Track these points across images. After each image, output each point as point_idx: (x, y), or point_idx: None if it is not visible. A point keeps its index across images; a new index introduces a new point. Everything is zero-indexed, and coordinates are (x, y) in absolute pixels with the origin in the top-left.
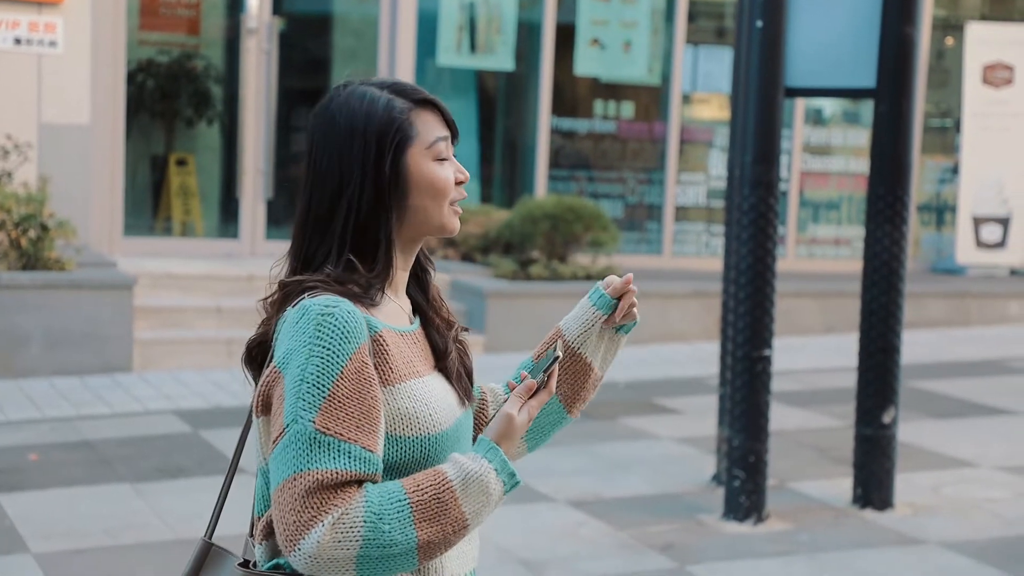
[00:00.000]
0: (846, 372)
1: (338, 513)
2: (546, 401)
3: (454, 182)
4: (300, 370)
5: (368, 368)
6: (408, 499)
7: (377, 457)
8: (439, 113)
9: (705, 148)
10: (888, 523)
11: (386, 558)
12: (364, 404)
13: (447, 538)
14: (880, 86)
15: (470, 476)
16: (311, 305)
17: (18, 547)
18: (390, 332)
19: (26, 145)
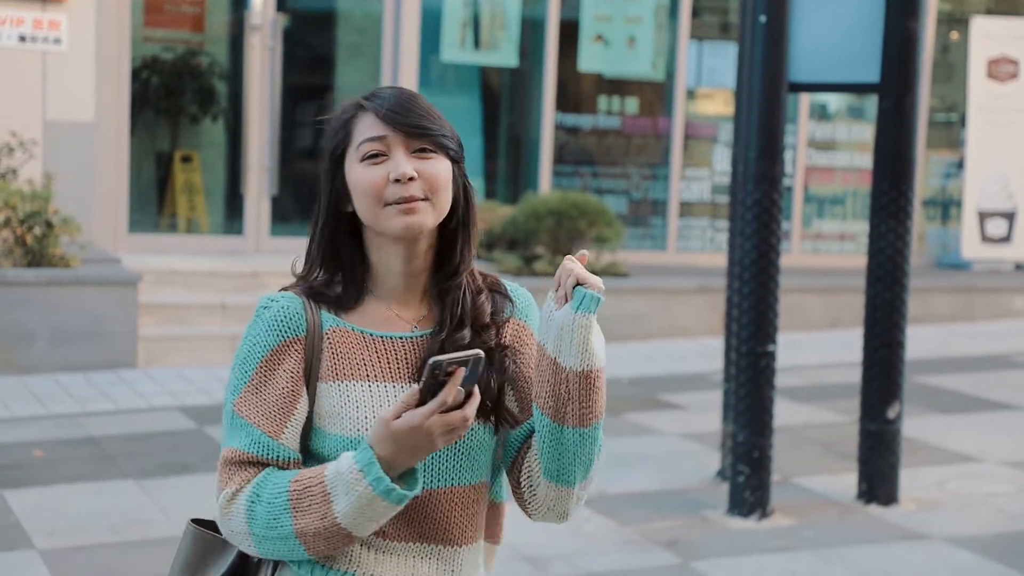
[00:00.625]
0: (851, 367)
1: (233, 488)
2: (437, 409)
3: (384, 183)
4: (236, 355)
5: (289, 361)
6: (288, 488)
7: (279, 444)
8: (373, 115)
9: (709, 144)
10: (893, 518)
11: (272, 539)
12: (275, 394)
13: (324, 532)
14: (884, 81)
15: (339, 474)
16: (261, 299)
17: (23, 543)
18: (348, 332)
19: (31, 142)
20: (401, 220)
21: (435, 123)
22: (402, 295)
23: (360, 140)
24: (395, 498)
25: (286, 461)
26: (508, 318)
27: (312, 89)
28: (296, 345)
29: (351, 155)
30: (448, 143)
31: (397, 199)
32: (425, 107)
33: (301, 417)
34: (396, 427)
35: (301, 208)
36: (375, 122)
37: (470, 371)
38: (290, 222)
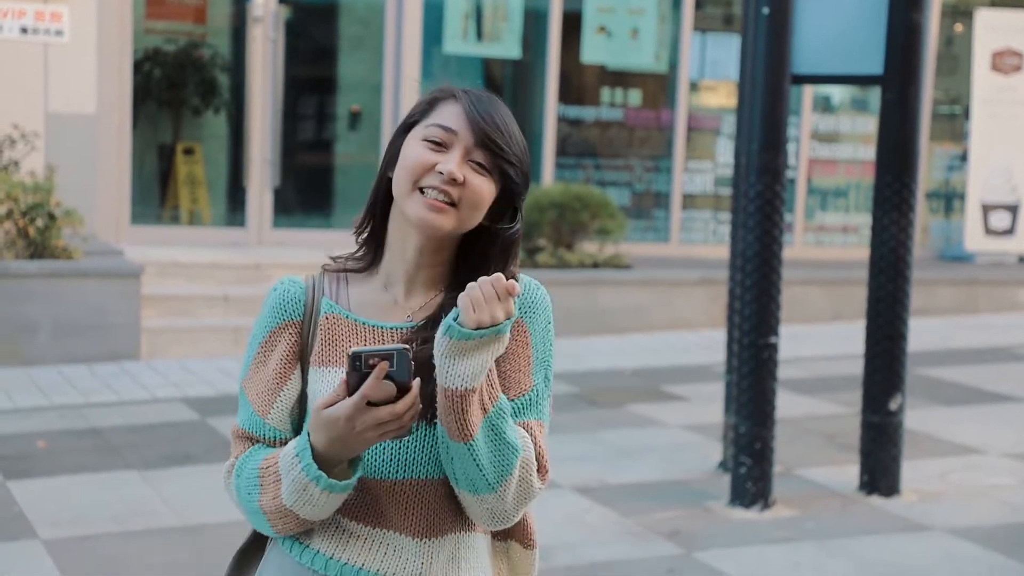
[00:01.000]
0: (853, 359)
1: (231, 461)
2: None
3: (430, 167)
4: (250, 334)
5: (284, 344)
6: (259, 467)
7: (264, 423)
8: (461, 109)
9: (712, 136)
10: (895, 510)
11: (249, 512)
12: (267, 375)
13: (277, 511)
14: (887, 73)
15: (285, 457)
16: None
17: (27, 533)
18: (340, 319)
19: (33, 134)
20: (422, 212)
21: (509, 145)
22: (409, 281)
23: (433, 122)
24: (324, 485)
25: (272, 439)
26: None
27: (314, 81)
28: (291, 328)
29: (418, 129)
30: (510, 170)
31: (431, 186)
32: (508, 127)
33: (289, 397)
34: (324, 416)
35: (303, 200)
36: (458, 114)
37: (398, 366)
38: (292, 214)
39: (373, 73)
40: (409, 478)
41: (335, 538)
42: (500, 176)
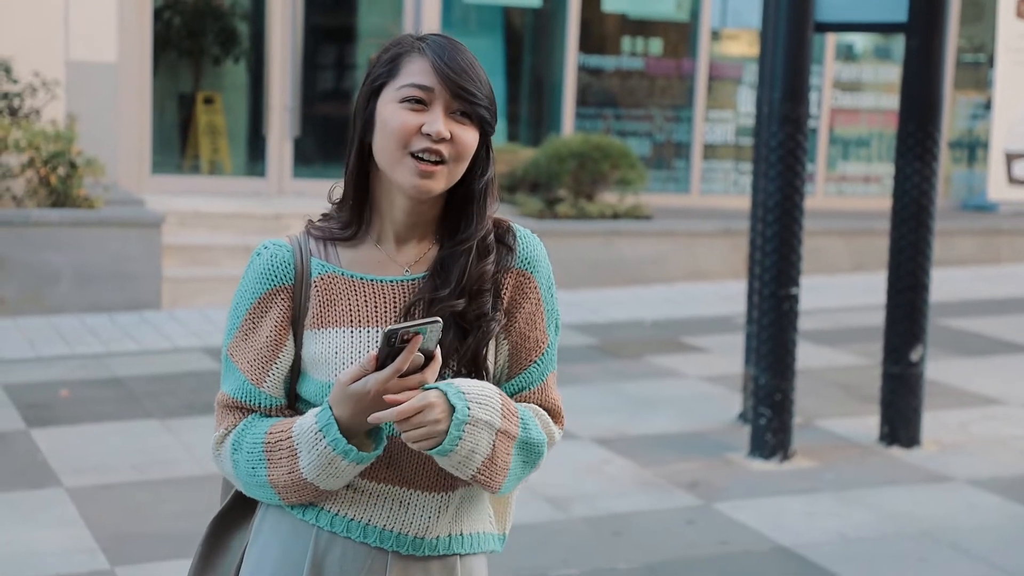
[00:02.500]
0: (874, 310)
1: (222, 431)
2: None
3: (416, 129)
4: (232, 300)
5: (275, 310)
6: (263, 440)
7: (260, 391)
8: (429, 64)
9: (734, 85)
10: (915, 460)
11: (252, 486)
12: (260, 342)
13: (293, 485)
14: (911, 20)
15: (303, 432)
16: (257, 246)
17: (50, 481)
18: (336, 277)
19: (54, 83)
20: (415, 180)
21: (480, 90)
22: (399, 239)
23: (406, 82)
24: (354, 458)
25: (268, 407)
26: (510, 268)
27: (334, 30)
28: (283, 293)
29: (389, 91)
30: (485, 114)
31: (422, 150)
32: (476, 71)
33: (284, 364)
34: (352, 390)
35: (323, 150)
36: (427, 70)
37: (428, 336)
38: (312, 164)
39: (393, 23)
40: None
41: (342, 495)
42: (478, 121)
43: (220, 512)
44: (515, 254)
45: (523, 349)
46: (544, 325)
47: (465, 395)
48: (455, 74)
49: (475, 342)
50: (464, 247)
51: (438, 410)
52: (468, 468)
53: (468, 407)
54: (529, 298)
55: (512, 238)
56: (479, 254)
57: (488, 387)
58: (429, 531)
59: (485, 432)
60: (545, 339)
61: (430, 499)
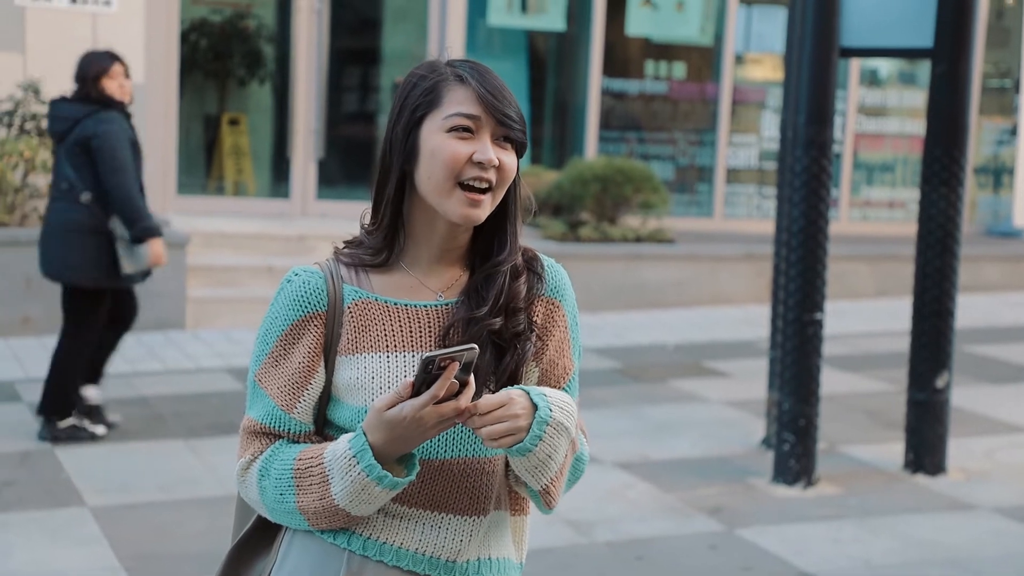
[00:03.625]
0: (898, 336)
1: (248, 457)
2: (429, 402)
3: (466, 160)
4: (260, 326)
5: (308, 336)
6: (293, 466)
7: (290, 418)
8: (473, 92)
9: (757, 109)
10: (940, 488)
11: (279, 512)
12: (291, 368)
13: (324, 511)
14: (938, 46)
15: (336, 458)
16: (288, 272)
17: (75, 500)
18: (370, 303)
19: None
20: (464, 210)
21: (518, 115)
22: (431, 264)
23: (453, 111)
24: (388, 484)
25: (297, 434)
26: (539, 296)
27: (359, 52)
28: (316, 320)
29: (434, 121)
30: (523, 138)
31: (472, 178)
32: (511, 95)
33: (315, 391)
34: (388, 417)
35: (347, 172)
36: (472, 99)
37: (464, 363)
38: (336, 185)
39: (417, 45)
40: (457, 456)
41: (374, 519)
42: (520, 144)
43: (241, 538)
44: (544, 282)
45: (552, 376)
46: (570, 352)
47: (547, 396)
48: (498, 101)
49: (513, 361)
50: (501, 268)
51: (519, 405)
52: (544, 474)
53: (550, 408)
54: (558, 325)
55: (540, 266)
56: (512, 274)
57: (565, 394)
58: (460, 554)
59: (563, 437)
60: (571, 366)
61: (462, 523)
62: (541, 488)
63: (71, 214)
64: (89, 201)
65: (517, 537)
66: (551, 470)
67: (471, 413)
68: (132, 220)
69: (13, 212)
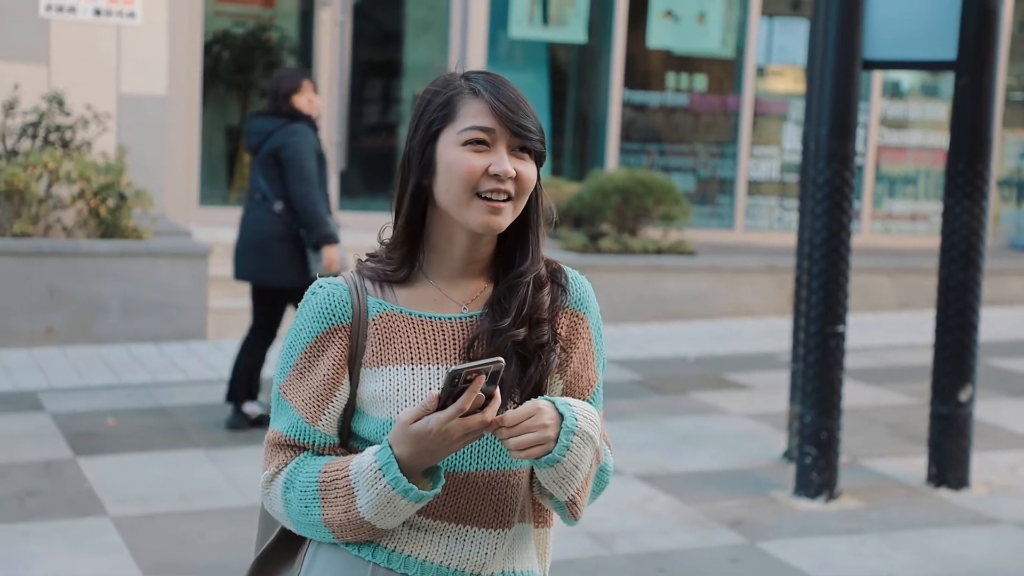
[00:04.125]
0: (921, 349)
1: (273, 470)
2: (455, 415)
3: (483, 173)
4: (284, 338)
5: (333, 349)
6: (318, 479)
7: (315, 430)
8: (487, 105)
9: (779, 121)
10: (963, 502)
11: (304, 524)
12: (316, 380)
13: (349, 523)
14: (961, 58)
15: (361, 470)
16: (312, 284)
17: (96, 510)
18: (394, 315)
19: (105, 115)
20: (485, 218)
21: (534, 124)
22: (455, 277)
23: (467, 125)
24: (413, 496)
25: (322, 446)
26: (563, 308)
27: (381, 65)
28: (340, 332)
29: (450, 135)
30: (541, 148)
31: (490, 190)
32: (527, 105)
33: (340, 404)
34: (414, 430)
35: (369, 183)
36: (486, 111)
37: (490, 376)
38: (358, 197)
39: (439, 57)
40: (483, 469)
41: (399, 532)
42: (538, 153)
43: (265, 550)
44: (568, 294)
45: (576, 388)
46: (594, 364)
47: (572, 406)
48: (512, 112)
49: (537, 372)
50: (524, 279)
51: (547, 416)
52: (571, 485)
53: (576, 418)
54: (582, 337)
55: (564, 278)
56: (535, 285)
57: (588, 404)
58: (485, 567)
59: (589, 447)
60: (595, 378)
61: (487, 536)
62: (567, 499)
63: (264, 223)
64: (281, 210)
65: (541, 549)
66: (577, 480)
67: (498, 425)
68: (312, 227)
69: (37, 223)
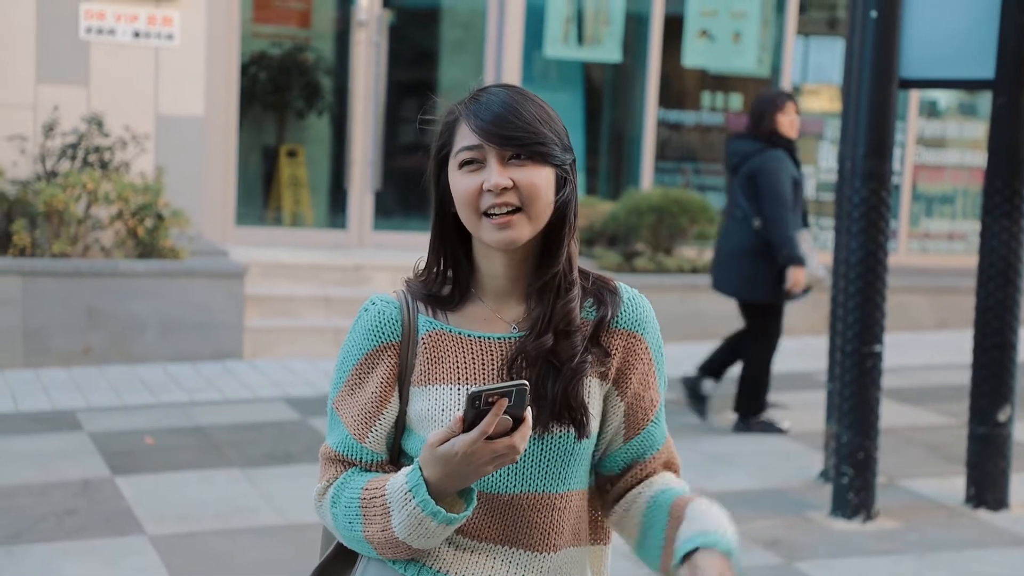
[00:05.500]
0: (959, 369)
1: (324, 483)
2: (478, 439)
3: (479, 191)
4: (339, 353)
5: (382, 366)
6: (359, 496)
7: (362, 447)
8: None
9: (815, 140)
10: (1003, 524)
11: (350, 539)
12: (365, 397)
13: (386, 542)
14: (999, 77)
15: (395, 489)
16: (366, 301)
17: (134, 528)
18: (444, 334)
19: (143, 136)
20: (496, 235)
21: (530, 130)
22: (503, 295)
23: (459, 147)
24: (443, 519)
25: (369, 463)
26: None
27: (416, 85)
28: (390, 350)
29: (452, 160)
30: (546, 150)
31: (491, 208)
32: (524, 113)
33: (388, 421)
34: (440, 453)
35: (404, 203)
36: (470, 132)
37: (516, 400)
38: (393, 217)
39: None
40: (526, 492)
41: (445, 551)
42: (542, 158)
43: (321, 563)
44: (610, 308)
45: (639, 409)
46: (656, 384)
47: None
48: (494, 126)
49: (563, 382)
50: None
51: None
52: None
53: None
54: (641, 359)
55: (615, 297)
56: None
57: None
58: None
59: None
60: (658, 398)
61: (533, 559)
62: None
63: (744, 239)
64: (760, 227)
65: (596, 568)
66: None
67: None
68: (779, 247)
69: (76, 243)
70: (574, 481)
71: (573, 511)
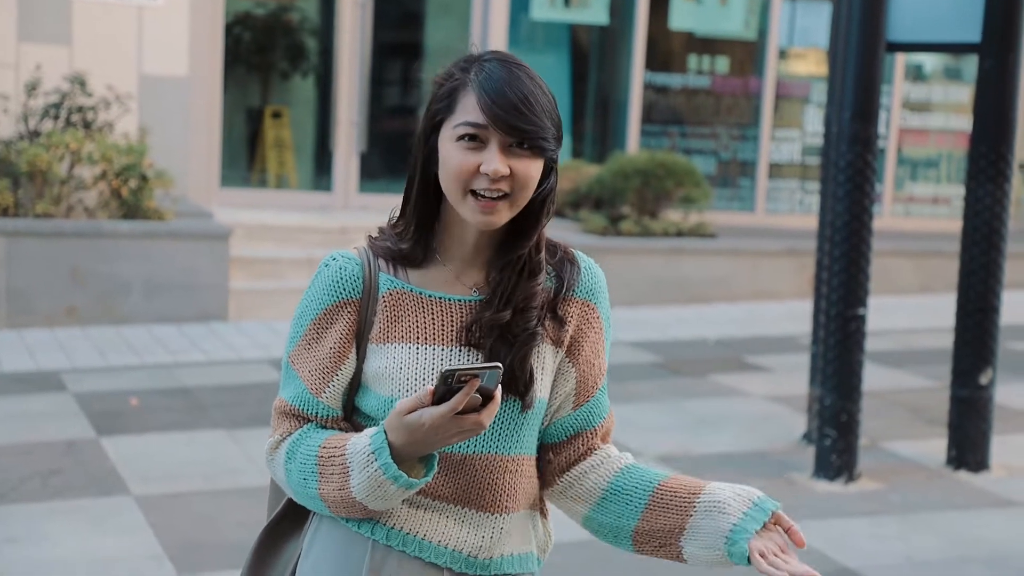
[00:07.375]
0: (941, 332)
1: (277, 438)
2: (448, 415)
3: (475, 169)
4: (296, 307)
5: (341, 322)
6: (317, 453)
7: (319, 402)
8: (478, 101)
9: (801, 104)
10: (983, 485)
11: (303, 496)
12: (323, 352)
13: (342, 501)
14: (985, 41)
15: (356, 451)
16: (325, 256)
17: (119, 489)
18: (405, 293)
19: (127, 96)
20: (479, 216)
21: (535, 121)
22: (466, 261)
23: (461, 120)
24: (403, 484)
25: (325, 419)
26: (571, 296)
27: (402, 46)
28: (350, 307)
29: (448, 128)
30: (547, 144)
31: (482, 190)
32: (530, 101)
33: (345, 377)
34: (407, 421)
35: (389, 165)
36: (477, 109)
37: (487, 380)
38: (378, 179)
39: (460, 39)
40: (479, 452)
41: (399, 509)
42: (538, 149)
43: (271, 521)
44: (566, 283)
45: (589, 376)
46: (604, 353)
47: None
48: (505, 112)
49: (513, 352)
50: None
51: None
52: None
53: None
54: (593, 327)
55: (575, 269)
56: (530, 272)
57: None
58: (483, 550)
59: None
60: (604, 367)
61: (486, 519)
62: None
63: None
64: None
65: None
66: None
67: None
68: None
69: (59, 204)
70: (525, 446)
71: (525, 475)
